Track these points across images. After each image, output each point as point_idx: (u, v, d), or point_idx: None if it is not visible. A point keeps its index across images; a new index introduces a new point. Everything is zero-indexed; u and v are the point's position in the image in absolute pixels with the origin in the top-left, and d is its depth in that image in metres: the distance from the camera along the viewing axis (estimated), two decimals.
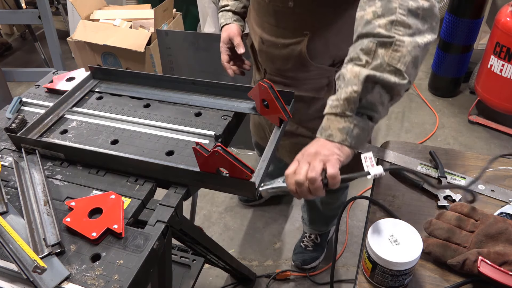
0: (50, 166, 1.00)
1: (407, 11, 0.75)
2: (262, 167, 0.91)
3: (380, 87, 0.76)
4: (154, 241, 0.81)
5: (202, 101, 1.14)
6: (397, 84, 0.75)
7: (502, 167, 1.03)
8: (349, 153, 0.79)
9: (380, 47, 0.75)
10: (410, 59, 0.75)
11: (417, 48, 0.75)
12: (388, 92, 0.77)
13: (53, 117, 1.11)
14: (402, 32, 0.74)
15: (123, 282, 0.74)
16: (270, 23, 1.13)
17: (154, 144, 1.02)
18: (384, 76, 0.75)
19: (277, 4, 1.07)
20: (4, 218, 0.86)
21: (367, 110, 0.78)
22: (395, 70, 0.75)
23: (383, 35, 0.75)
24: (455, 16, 2.49)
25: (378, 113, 0.79)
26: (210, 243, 1.30)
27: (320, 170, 0.76)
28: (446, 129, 2.59)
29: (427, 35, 0.77)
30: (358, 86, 0.75)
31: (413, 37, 0.75)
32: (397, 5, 0.75)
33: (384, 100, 0.78)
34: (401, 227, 0.78)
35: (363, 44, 0.77)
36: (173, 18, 2.85)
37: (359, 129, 0.77)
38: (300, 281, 1.82)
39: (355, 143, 0.78)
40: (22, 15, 2.81)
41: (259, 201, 2.12)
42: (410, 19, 0.75)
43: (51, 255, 0.79)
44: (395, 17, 0.75)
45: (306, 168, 0.77)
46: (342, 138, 0.77)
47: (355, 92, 0.75)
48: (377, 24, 0.76)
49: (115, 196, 0.88)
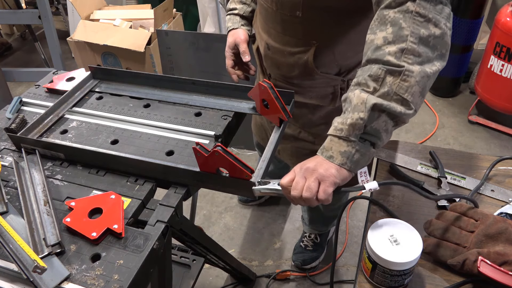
0: (50, 166, 1.00)
1: (418, 39, 0.74)
2: (262, 167, 0.91)
3: (386, 115, 0.76)
4: (154, 241, 0.81)
5: (202, 101, 1.14)
6: (402, 113, 0.75)
7: (502, 167, 1.03)
8: (346, 176, 0.79)
9: (389, 75, 0.75)
10: (417, 89, 0.74)
11: (425, 78, 0.75)
12: (393, 120, 0.77)
13: (53, 117, 1.11)
14: (412, 61, 0.74)
15: (123, 282, 0.74)
16: (277, 30, 1.12)
17: (154, 144, 1.02)
18: (391, 105, 0.74)
19: (285, 12, 1.06)
20: (4, 218, 0.86)
21: (370, 137, 0.78)
22: (402, 99, 0.75)
23: (392, 64, 0.74)
24: (455, 16, 2.49)
25: (381, 140, 0.79)
26: (210, 243, 1.30)
27: (316, 191, 0.77)
28: (446, 129, 2.59)
29: (436, 63, 0.76)
30: (365, 113, 0.75)
31: (422, 66, 0.74)
32: (408, 33, 0.74)
33: (388, 127, 0.77)
34: (401, 227, 0.78)
35: (371, 70, 0.76)
36: (173, 18, 2.85)
37: (360, 155, 0.77)
38: (300, 281, 1.82)
39: (354, 167, 0.78)
40: (22, 15, 2.81)
41: (259, 201, 2.12)
42: (421, 47, 0.74)
43: (51, 255, 0.79)
44: (406, 45, 0.74)
45: (302, 184, 0.78)
46: (342, 162, 0.77)
47: (361, 119, 0.75)
48: (387, 51, 0.75)
49: (115, 196, 0.88)
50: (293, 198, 0.80)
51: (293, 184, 0.80)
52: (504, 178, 1.00)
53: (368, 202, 0.97)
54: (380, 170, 1.04)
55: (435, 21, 0.75)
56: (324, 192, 0.77)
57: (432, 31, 0.74)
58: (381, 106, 0.74)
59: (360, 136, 0.77)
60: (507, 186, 0.98)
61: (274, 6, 1.07)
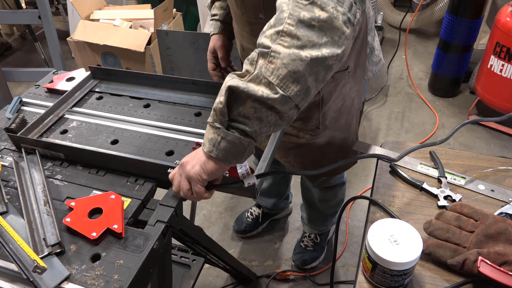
0: (50, 166, 1.00)
1: (297, 22, 0.69)
2: (262, 167, 0.91)
3: (252, 100, 0.71)
4: (154, 241, 0.81)
5: (202, 101, 1.14)
6: (265, 97, 0.70)
7: (502, 167, 1.03)
8: (214, 168, 0.77)
9: (260, 57, 0.71)
10: (286, 72, 0.69)
11: (297, 62, 0.69)
12: (264, 106, 0.71)
13: (53, 117, 1.11)
14: (288, 44, 0.69)
15: (123, 282, 0.74)
16: (247, 32, 1.15)
17: (154, 144, 1.02)
18: (250, 88, 0.70)
19: (250, 16, 1.09)
20: (4, 218, 0.86)
21: (239, 124, 0.73)
22: (268, 82, 0.70)
23: (264, 45, 0.71)
24: (455, 16, 2.49)
25: (253, 128, 0.73)
26: (210, 243, 1.30)
27: (187, 189, 0.81)
28: (446, 129, 2.59)
29: (325, 49, 0.70)
30: (224, 97, 0.71)
31: (300, 50, 0.69)
32: (287, 15, 0.70)
33: (261, 115, 0.72)
34: (401, 227, 0.78)
35: (251, 55, 0.73)
36: (173, 18, 2.85)
37: (227, 143, 0.74)
38: (300, 281, 1.82)
39: (222, 156, 0.75)
40: (22, 15, 2.81)
41: (256, 231, 2.02)
42: (301, 30, 0.69)
43: (51, 255, 0.79)
44: (282, 27, 0.70)
45: (177, 182, 0.83)
46: (209, 149, 0.75)
47: (220, 103, 0.72)
48: (265, 34, 0.72)
49: (115, 196, 0.88)
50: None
51: (174, 181, 0.84)
52: (504, 178, 1.00)
53: (368, 202, 0.97)
54: (380, 170, 1.04)
55: (320, 3, 0.69)
56: (196, 192, 0.81)
57: (316, 14, 0.69)
58: (238, 89, 0.70)
59: (228, 124, 0.74)
60: (507, 186, 0.98)
61: (239, 10, 1.10)
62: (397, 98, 2.87)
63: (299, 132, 1.29)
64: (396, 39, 3.14)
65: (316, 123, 1.25)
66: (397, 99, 2.87)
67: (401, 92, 2.93)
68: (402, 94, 2.91)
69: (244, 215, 2.02)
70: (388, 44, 3.39)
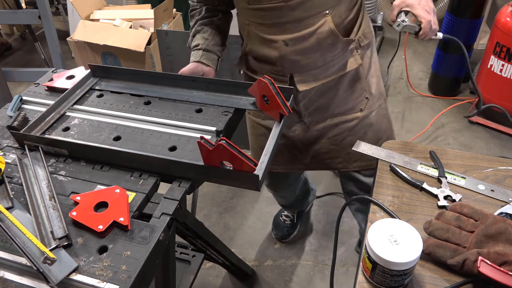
0: (53, 163, 1.00)
1: None
2: (264, 161, 0.92)
3: None
4: (160, 232, 0.82)
5: (203, 97, 1.15)
6: None
7: (502, 167, 1.03)
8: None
9: None
10: None
11: None
12: None
13: (54, 114, 1.11)
14: None
15: (131, 272, 0.75)
16: (291, 22, 1.14)
17: (157, 140, 1.03)
18: None
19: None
20: (10, 213, 0.86)
21: None
22: None
23: None
24: (455, 16, 2.49)
25: None
26: (212, 237, 1.33)
27: None
28: (446, 129, 2.59)
29: None
30: None
31: None
32: None
33: None
34: (401, 227, 0.78)
35: None
36: (173, 18, 2.85)
37: None
38: (301, 283, 1.82)
39: None
40: (22, 15, 2.80)
41: (297, 230, 2.05)
42: None
43: (59, 248, 0.79)
44: None
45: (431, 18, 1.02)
46: None
47: None
48: None
49: (120, 190, 0.89)
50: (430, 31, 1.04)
51: (432, 23, 1.03)
52: (504, 178, 1.00)
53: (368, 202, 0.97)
54: (381, 170, 1.04)
55: None
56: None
57: None
58: None
59: None
60: (507, 186, 0.98)
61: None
62: (397, 98, 2.87)
63: (349, 114, 1.31)
64: (396, 39, 3.14)
65: (364, 94, 1.29)
66: (397, 99, 2.87)
67: (401, 92, 2.93)
68: (402, 94, 2.91)
69: (280, 220, 2.02)
70: (388, 44, 3.39)
